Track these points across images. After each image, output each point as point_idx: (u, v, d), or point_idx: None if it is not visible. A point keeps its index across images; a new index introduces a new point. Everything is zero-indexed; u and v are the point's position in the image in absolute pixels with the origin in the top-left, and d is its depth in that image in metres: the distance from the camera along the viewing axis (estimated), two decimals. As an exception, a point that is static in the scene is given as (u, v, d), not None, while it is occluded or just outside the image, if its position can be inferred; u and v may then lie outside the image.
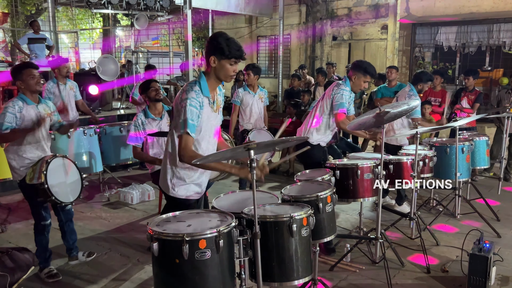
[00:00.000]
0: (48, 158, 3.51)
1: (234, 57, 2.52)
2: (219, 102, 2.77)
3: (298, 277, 2.47)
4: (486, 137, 5.40)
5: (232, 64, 2.55)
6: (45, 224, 3.65)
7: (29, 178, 3.48)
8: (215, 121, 2.73)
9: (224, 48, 2.49)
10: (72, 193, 3.70)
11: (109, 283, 3.63)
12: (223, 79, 2.62)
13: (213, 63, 2.55)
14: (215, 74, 2.60)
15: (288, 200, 2.81)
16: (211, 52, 2.55)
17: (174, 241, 2.11)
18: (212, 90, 2.66)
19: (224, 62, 2.53)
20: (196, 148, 2.63)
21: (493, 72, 10.60)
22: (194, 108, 2.51)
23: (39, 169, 3.44)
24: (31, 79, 3.49)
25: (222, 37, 2.53)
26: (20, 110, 3.46)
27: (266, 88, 12.88)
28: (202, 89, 2.57)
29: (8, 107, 3.43)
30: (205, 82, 2.60)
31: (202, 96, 2.56)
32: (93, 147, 5.76)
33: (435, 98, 6.86)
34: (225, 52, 2.50)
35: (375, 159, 3.77)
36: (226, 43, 2.50)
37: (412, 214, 4.10)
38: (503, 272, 3.75)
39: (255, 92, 5.65)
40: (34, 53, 8.71)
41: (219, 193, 3.01)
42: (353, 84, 4.10)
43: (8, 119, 3.40)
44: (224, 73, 2.57)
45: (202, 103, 2.55)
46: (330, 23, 13.03)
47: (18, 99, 3.51)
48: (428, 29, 11.27)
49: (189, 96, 2.51)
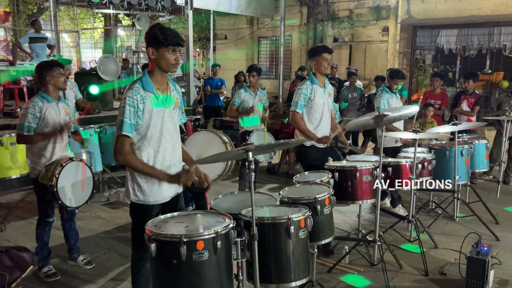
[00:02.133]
0: (64, 162, 3.53)
1: (172, 44, 2.45)
2: (175, 98, 2.67)
3: (296, 279, 2.48)
4: (486, 140, 5.40)
5: (170, 52, 2.48)
6: (49, 221, 3.69)
7: (41, 177, 3.53)
8: (170, 118, 2.61)
9: (159, 36, 2.44)
10: (81, 198, 3.74)
11: (107, 283, 3.64)
12: (166, 69, 2.53)
13: (152, 55, 2.49)
14: (157, 66, 2.53)
15: (286, 202, 2.82)
16: (148, 44, 2.49)
17: (171, 242, 2.11)
18: (160, 84, 2.57)
19: (163, 51, 2.46)
20: (146, 146, 2.55)
21: (493, 75, 10.61)
22: (131, 107, 2.44)
23: (53, 171, 3.47)
24: (61, 76, 3.60)
25: (156, 27, 2.49)
26: (40, 110, 3.51)
27: (266, 89, 12.93)
28: (144, 85, 2.50)
29: (28, 108, 3.48)
30: (147, 78, 2.53)
31: (143, 92, 2.48)
32: (93, 147, 5.76)
33: (435, 100, 6.87)
34: (160, 40, 2.44)
35: (374, 161, 3.78)
36: (161, 32, 2.44)
37: (411, 216, 4.10)
38: (501, 276, 3.75)
39: (256, 94, 5.68)
40: (35, 52, 8.73)
41: (217, 194, 3.02)
42: (316, 69, 4.05)
43: (29, 119, 3.46)
44: (165, 62, 2.50)
45: (143, 99, 2.47)
46: (331, 24, 13.05)
47: (38, 98, 3.55)
48: (429, 31, 11.28)
49: (126, 95, 2.46)
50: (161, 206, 2.66)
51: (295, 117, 4.02)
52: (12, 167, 5.10)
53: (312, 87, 4.01)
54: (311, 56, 4.05)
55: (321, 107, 4.07)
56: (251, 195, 2.25)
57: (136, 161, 2.52)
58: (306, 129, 4.02)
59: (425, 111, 6.39)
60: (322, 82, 4.09)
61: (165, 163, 2.61)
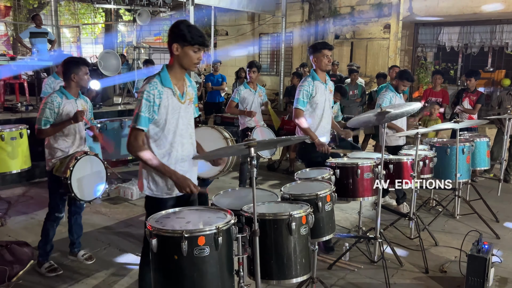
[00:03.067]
0: (79, 155, 3.58)
1: (197, 43, 2.47)
2: (190, 94, 2.70)
3: (297, 275, 2.48)
4: (487, 138, 5.39)
5: (195, 51, 2.49)
6: (59, 216, 3.71)
7: (56, 169, 3.58)
8: (185, 113, 2.64)
9: (186, 34, 2.44)
10: (92, 191, 3.76)
11: (108, 278, 3.64)
12: (187, 67, 2.56)
13: (176, 51, 2.50)
14: (178, 62, 2.54)
15: (288, 198, 2.82)
16: (173, 39, 2.50)
17: (173, 237, 2.11)
18: (177, 80, 2.59)
19: (187, 49, 2.48)
20: (162, 140, 2.58)
21: (495, 73, 10.60)
22: (147, 102, 2.47)
23: (67, 164, 3.52)
24: (86, 75, 3.67)
25: (184, 24, 2.49)
26: (58, 105, 3.56)
27: (267, 85, 12.91)
28: (162, 80, 2.52)
29: (47, 103, 3.54)
30: (166, 73, 2.56)
31: (160, 87, 2.50)
32: (93, 142, 5.75)
33: (436, 98, 6.86)
34: (187, 38, 2.45)
35: (375, 158, 3.77)
36: (188, 30, 2.46)
37: (412, 214, 4.10)
38: (501, 274, 3.75)
39: (255, 90, 5.69)
40: (36, 47, 8.69)
41: (219, 190, 3.01)
42: (317, 65, 4.03)
43: (47, 114, 3.53)
44: (188, 60, 2.51)
45: (160, 94, 2.49)
46: (333, 21, 13.01)
47: (58, 94, 3.61)
48: (431, 29, 11.26)
49: (144, 89, 2.48)
50: (175, 199, 2.69)
51: (298, 114, 4.01)
52: (13, 162, 5.08)
53: (314, 83, 4.00)
54: (311, 52, 4.04)
55: (323, 103, 4.07)
56: (252, 191, 2.25)
57: (148, 155, 2.54)
58: (308, 129, 4.01)
59: (430, 109, 6.39)
60: (323, 78, 4.08)
61: (179, 157, 2.63)
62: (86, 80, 3.69)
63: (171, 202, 2.66)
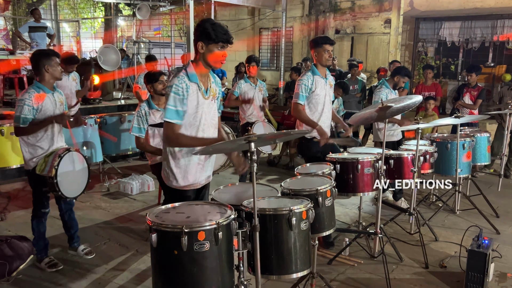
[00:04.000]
0: (61, 152, 3.50)
1: (221, 41, 2.54)
2: (214, 90, 2.76)
3: (297, 270, 2.47)
4: (488, 134, 5.38)
5: (220, 49, 2.56)
6: (45, 211, 3.67)
7: (39, 169, 3.47)
8: (209, 109, 2.71)
9: (210, 32, 2.51)
10: (78, 188, 3.72)
11: (108, 272, 3.64)
12: (213, 64, 2.62)
13: (201, 49, 2.57)
14: (203, 60, 2.60)
15: (288, 193, 2.81)
16: (198, 38, 2.56)
17: (173, 232, 2.10)
18: (202, 76, 2.65)
19: (212, 47, 2.55)
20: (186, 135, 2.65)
21: (496, 68, 10.56)
22: (176, 95, 2.53)
23: (51, 162, 3.43)
24: (58, 66, 3.55)
25: (208, 22, 2.56)
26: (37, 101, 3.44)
27: (267, 80, 12.88)
28: (189, 75, 2.59)
29: (25, 99, 3.39)
30: (192, 69, 2.62)
31: (188, 81, 2.57)
32: (93, 137, 5.75)
33: (429, 92, 6.86)
34: (211, 36, 2.52)
35: (375, 153, 3.76)
36: (212, 28, 2.52)
37: (412, 209, 4.10)
38: (501, 269, 3.75)
39: (256, 84, 5.68)
40: (35, 42, 8.66)
41: (219, 185, 3.00)
42: (317, 60, 4.00)
43: (26, 111, 3.38)
44: (213, 58, 2.58)
45: (187, 88, 2.55)
46: (333, 16, 12.96)
47: (34, 88, 3.47)
48: (432, 23, 11.21)
49: (173, 83, 2.55)
50: (195, 192, 2.79)
51: (297, 108, 3.99)
52: (12, 157, 5.09)
53: (314, 78, 3.98)
54: (312, 46, 4.02)
55: (323, 98, 4.05)
56: (253, 185, 2.24)
57: (188, 140, 2.62)
58: (308, 118, 3.99)
59: (425, 104, 6.36)
60: (323, 73, 4.06)
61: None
62: (59, 71, 3.55)
63: (191, 194, 2.76)
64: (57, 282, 3.48)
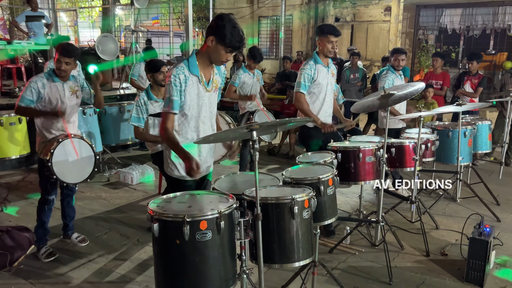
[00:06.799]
0: (61, 138, 3.56)
1: (231, 47, 2.48)
2: (216, 82, 2.72)
3: (299, 259, 2.47)
4: (489, 121, 5.36)
5: (227, 52, 2.51)
6: (48, 198, 3.68)
7: (39, 152, 3.59)
8: (209, 101, 2.68)
9: (226, 35, 2.43)
10: (79, 175, 3.72)
11: (109, 262, 3.64)
12: (214, 62, 2.60)
13: (210, 43, 2.51)
14: (208, 54, 2.57)
15: (290, 182, 2.79)
16: (212, 31, 2.49)
17: (174, 221, 2.09)
18: (203, 68, 2.61)
19: (220, 47, 2.49)
20: (184, 126, 2.63)
21: (497, 56, 10.50)
22: (174, 85, 2.51)
23: (48, 146, 3.51)
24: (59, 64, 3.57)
25: (230, 22, 2.45)
26: (43, 86, 3.50)
27: (267, 69, 12.79)
28: (190, 66, 2.55)
29: (32, 82, 3.49)
30: (194, 60, 2.58)
31: (187, 73, 2.54)
32: (92, 127, 5.72)
33: (436, 80, 6.80)
34: (226, 39, 2.44)
35: (377, 142, 3.74)
36: (231, 32, 2.44)
37: (413, 197, 4.09)
38: (502, 256, 3.76)
39: (254, 74, 5.64)
40: (32, 31, 8.57)
41: (219, 175, 2.99)
42: (320, 49, 3.95)
43: (28, 93, 3.47)
44: (217, 57, 2.55)
45: (185, 80, 2.53)
46: (333, 4, 12.84)
47: (45, 75, 3.57)
48: (432, 11, 11.11)
49: (171, 73, 2.52)
50: (196, 182, 2.77)
51: (299, 98, 3.96)
52: (11, 147, 5.06)
53: (316, 66, 3.94)
54: (318, 34, 3.97)
55: (325, 87, 4.01)
56: (255, 174, 2.22)
57: (170, 140, 2.59)
58: (310, 111, 3.96)
59: (424, 92, 6.32)
60: (326, 61, 4.02)
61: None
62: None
63: (191, 184, 2.75)
64: (58, 272, 3.48)
